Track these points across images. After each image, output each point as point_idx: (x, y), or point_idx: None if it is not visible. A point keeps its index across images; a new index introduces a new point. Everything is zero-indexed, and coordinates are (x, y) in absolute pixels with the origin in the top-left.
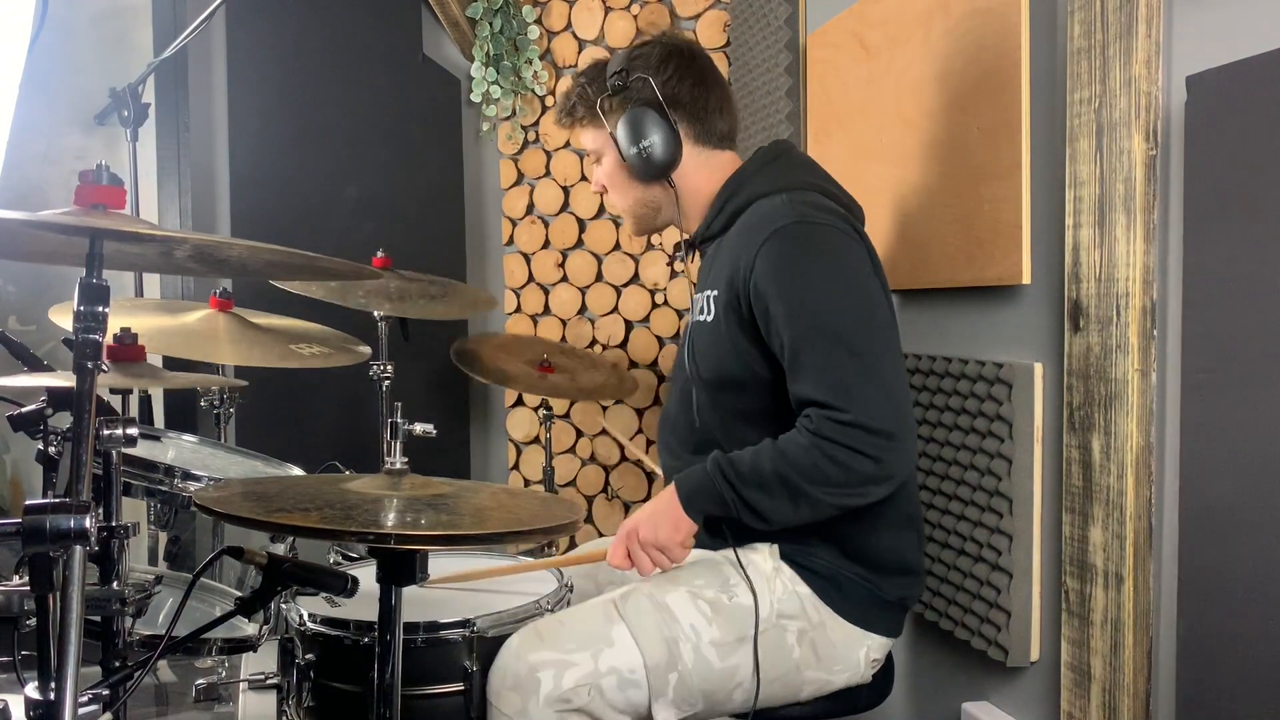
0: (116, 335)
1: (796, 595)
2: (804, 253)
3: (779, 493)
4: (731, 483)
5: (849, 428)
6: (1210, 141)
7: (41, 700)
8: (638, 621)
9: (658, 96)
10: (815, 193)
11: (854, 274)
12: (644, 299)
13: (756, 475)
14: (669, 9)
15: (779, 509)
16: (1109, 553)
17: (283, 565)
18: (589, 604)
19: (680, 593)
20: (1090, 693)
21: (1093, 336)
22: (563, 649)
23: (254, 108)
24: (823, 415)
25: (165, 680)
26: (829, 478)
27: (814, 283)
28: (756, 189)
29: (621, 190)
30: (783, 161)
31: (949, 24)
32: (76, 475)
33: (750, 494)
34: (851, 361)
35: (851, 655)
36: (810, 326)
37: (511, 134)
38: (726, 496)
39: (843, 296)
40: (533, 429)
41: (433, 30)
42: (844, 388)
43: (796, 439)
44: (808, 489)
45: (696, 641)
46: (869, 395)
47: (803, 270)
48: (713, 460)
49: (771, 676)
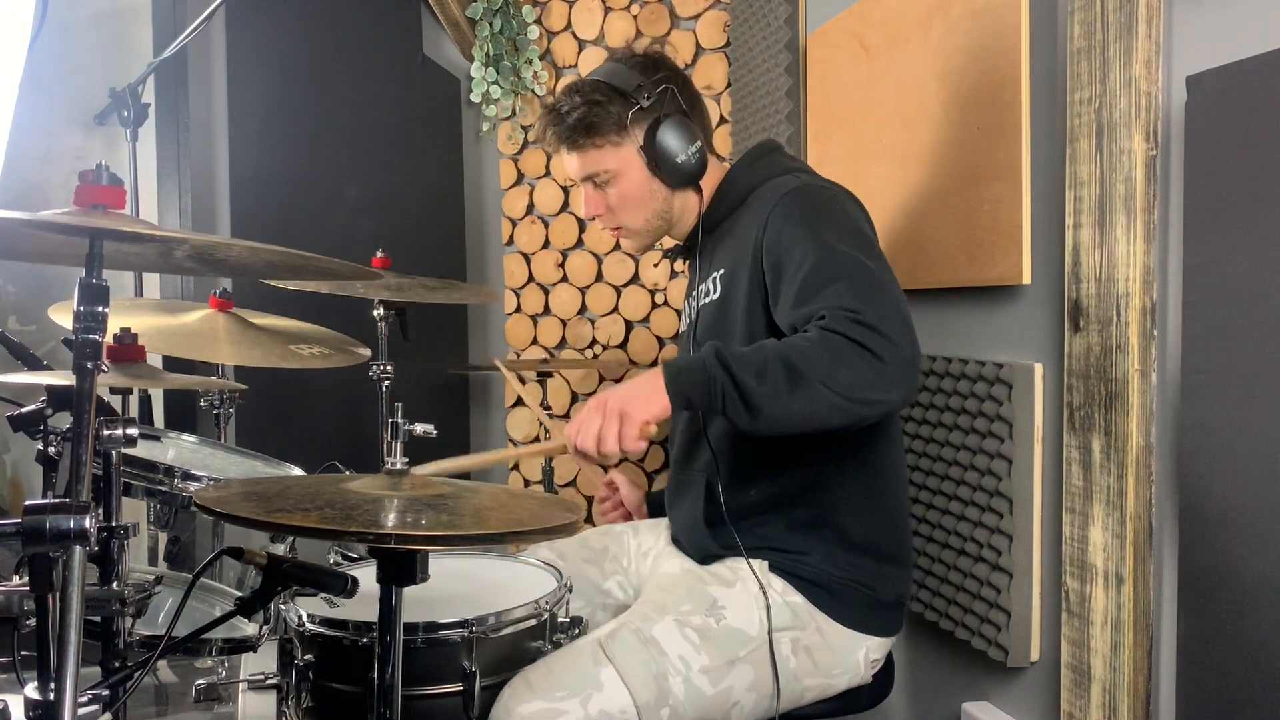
0: (116, 335)
1: (789, 606)
2: (815, 206)
3: (777, 377)
4: (725, 364)
5: (863, 326)
6: (1210, 141)
7: (41, 700)
8: (625, 661)
9: (683, 105)
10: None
11: (863, 225)
12: (644, 299)
13: (754, 357)
14: (669, 9)
15: (774, 397)
16: (1109, 553)
17: (282, 565)
18: (576, 645)
19: (667, 623)
20: (1090, 693)
21: (1093, 336)
22: (552, 697)
23: (254, 108)
24: (838, 312)
25: (165, 680)
26: (832, 371)
27: (828, 226)
28: (754, 178)
29: (643, 204)
30: (776, 154)
31: (949, 24)
32: (76, 475)
33: (744, 377)
34: (871, 284)
35: (850, 658)
36: (830, 257)
37: (511, 134)
38: (717, 377)
39: (857, 237)
40: (533, 429)
41: (433, 30)
42: (864, 297)
43: (805, 333)
44: (808, 375)
45: (686, 673)
46: (886, 308)
47: (816, 219)
48: (709, 345)
49: (769, 691)
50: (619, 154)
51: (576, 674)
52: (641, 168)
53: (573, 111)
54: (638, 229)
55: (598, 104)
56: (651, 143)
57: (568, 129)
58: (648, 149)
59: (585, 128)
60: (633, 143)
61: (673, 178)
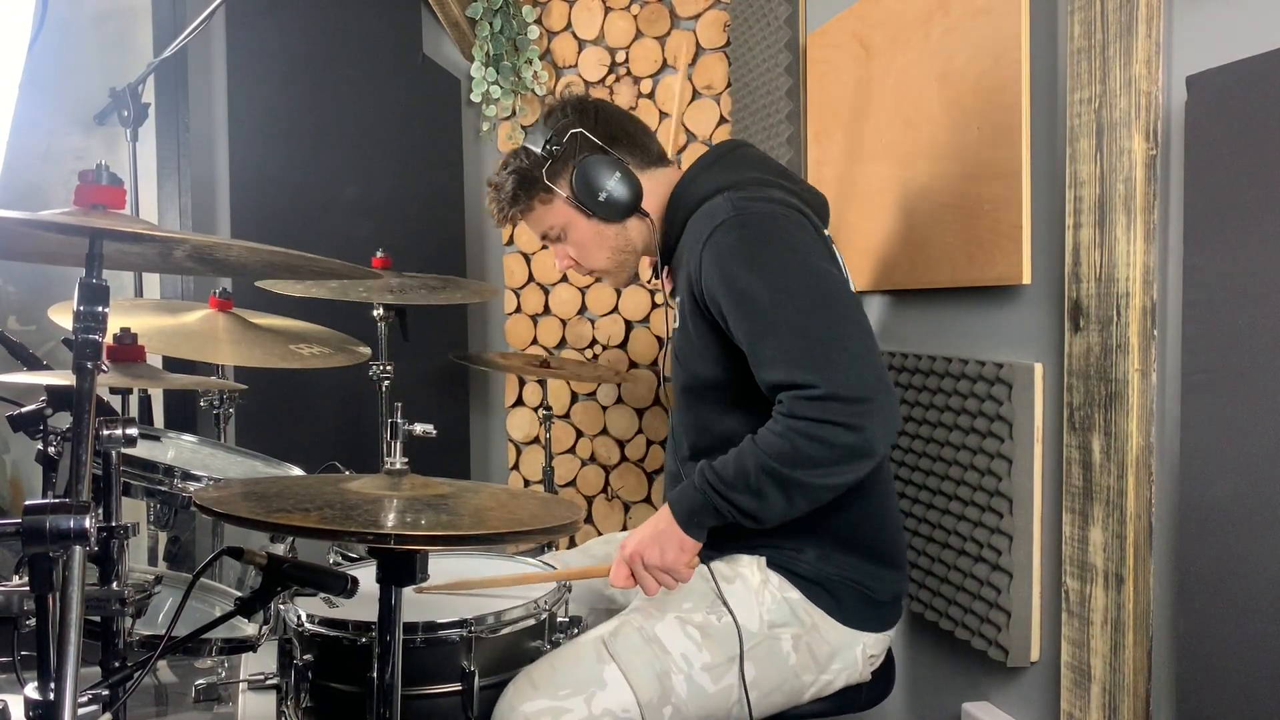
0: (116, 335)
1: (786, 601)
2: (745, 243)
3: (769, 489)
4: (722, 494)
5: (822, 402)
6: (1210, 141)
7: (41, 700)
8: (628, 659)
9: (595, 141)
10: (759, 186)
11: (797, 253)
12: (644, 299)
13: (742, 478)
14: (669, 9)
15: (772, 506)
16: (1109, 553)
17: (282, 565)
18: (579, 642)
19: (669, 620)
20: (1090, 693)
21: (1093, 336)
22: (556, 695)
23: (254, 108)
24: (794, 396)
25: (165, 680)
26: (812, 458)
27: (760, 270)
28: (700, 190)
29: (597, 246)
30: (726, 160)
31: (949, 24)
32: (76, 475)
33: (741, 499)
34: (812, 338)
35: (848, 654)
36: (764, 314)
37: (511, 134)
38: (720, 507)
39: (797, 276)
40: (533, 429)
41: (433, 30)
42: (811, 363)
43: (771, 427)
44: (794, 476)
45: (689, 671)
46: (836, 365)
47: (747, 259)
48: (699, 473)
49: (770, 687)
50: (554, 210)
51: (580, 672)
52: (578, 215)
53: (504, 185)
54: (608, 269)
55: (520, 171)
56: (575, 189)
57: (503, 203)
58: (574, 196)
59: (513, 198)
60: (559, 195)
61: (609, 213)
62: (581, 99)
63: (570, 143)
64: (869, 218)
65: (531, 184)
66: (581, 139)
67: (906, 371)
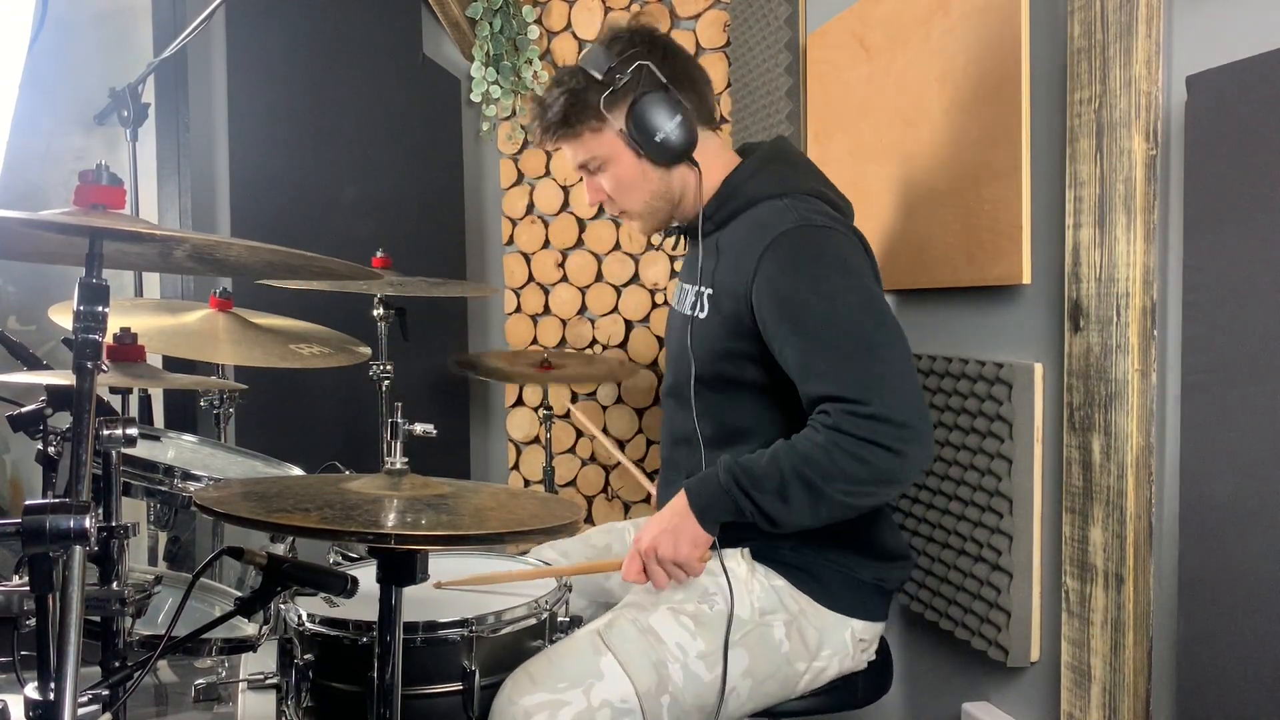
0: (116, 335)
1: (773, 589)
2: (810, 256)
3: (799, 496)
4: (748, 492)
5: (871, 421)
6: (1210, 141)
7: (41, 700)
8: (624, 650)
9: (662, 80)
10: (814, 197)
11: (860, 275)
12: (644, 299)
13: (773, 480)
14: (669, 9)
15: (797, 513)
16: (1109, 553)
17: (282, 565)
18: (575, 636)
19: (662, 611)
20: (1090, 693)
21: (1093, 336)
22: (554, 689)
23: (254, 108)
24: (842, 410)
25: (165, 680)
26: (850, 474)
27: (824, 284)
28: (758, 189)
29: (638, 187)
30: (782, 162)
31: (949, 24)
32: (76, 475)
33: (767, 501)
34: (870, 357)
35: (837, 636)
36: (824, 326)
37: (511, 134)
38: (744, 506)
39: (854, 296)
40: (533, 429)
41: (433, 30)
42: (863, 382)
43: (813, 437)
44: (827, 488)
45: (684, 659)
46: (889, 388)
47: (811, 273)
48: (725, 469)
49: (764, 675)
50: (601, 140)
51: (577, 664)
52: (627, 150)
53: (553, 105)
54: (639, 212)
55: (575, 92)
56: (630, 124)
57: (549, 123)
58: (628, 131)
59: (564, 119)
60: (612, 127)
61: (658, 156)
62: (653, 31)
63: (635, 75)
64: (869, 218)
65: (584, 109)
66: (646, 73)
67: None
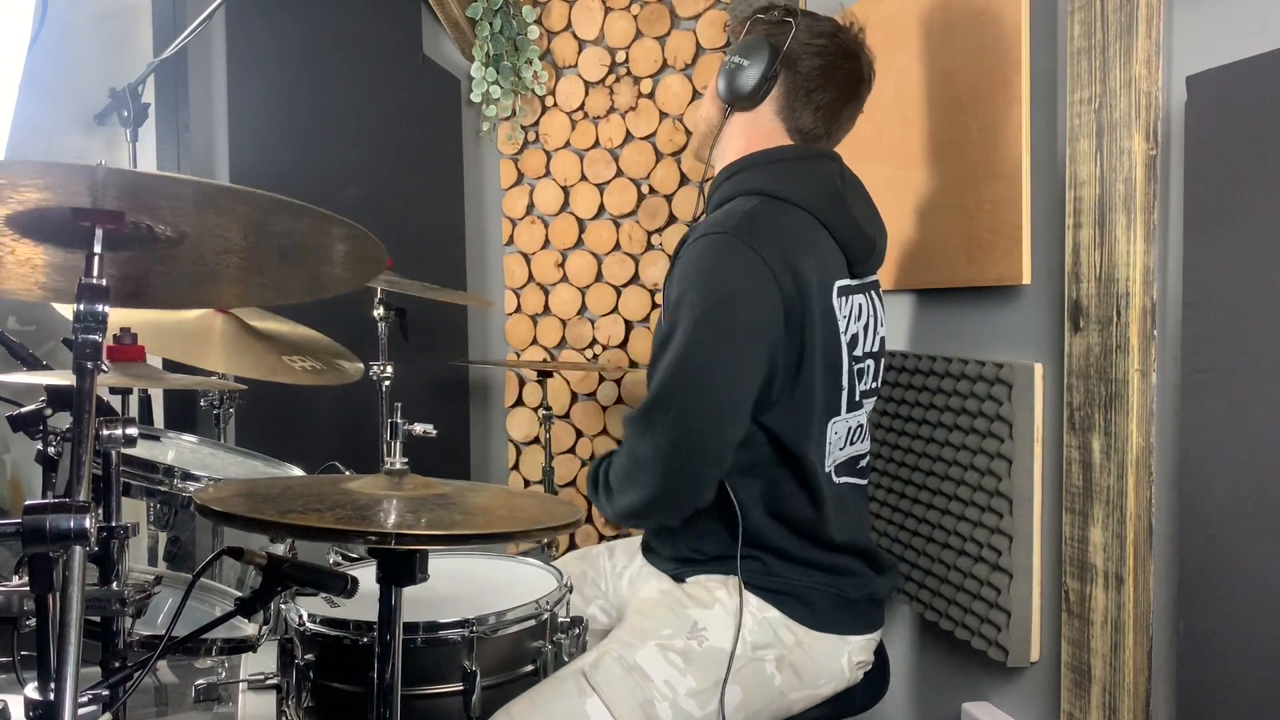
0: (116, 335)
1: (766, 622)
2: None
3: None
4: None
5: (603, 477)
6: (1210, 141)
7: (41, 700)
8: (610, 690)
9: (782, 46)
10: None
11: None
12: (644, 299)
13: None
14: (669, 9)
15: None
16: (1109, 553)
17: (282, 566)
18: (559, 676)
19: (650, 648)
20: (1090, 693)
21: (1093, 336)
22: None
23: (254, 108)
24: (619, 449)
25: (165, 680)
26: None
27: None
28: (740, 185)
29: (708, 101)
30: (786, 166)
31: (949, 24)
32: (76, 475)
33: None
34: (667, 409)
35: (833, 665)
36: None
37: (511, 134)
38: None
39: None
40: (533, 429)
41: (433, 30)
42: (640, 433)
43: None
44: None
45: (673, 698)
46: (648, 449)
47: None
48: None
49: (757, 708)
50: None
51: (561, 707)
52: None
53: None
54: (697, 130)
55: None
56: (739, 58)
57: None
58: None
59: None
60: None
61: (718, 84)
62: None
63: (776, 25)
64: None
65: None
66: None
67: (906, 371)
